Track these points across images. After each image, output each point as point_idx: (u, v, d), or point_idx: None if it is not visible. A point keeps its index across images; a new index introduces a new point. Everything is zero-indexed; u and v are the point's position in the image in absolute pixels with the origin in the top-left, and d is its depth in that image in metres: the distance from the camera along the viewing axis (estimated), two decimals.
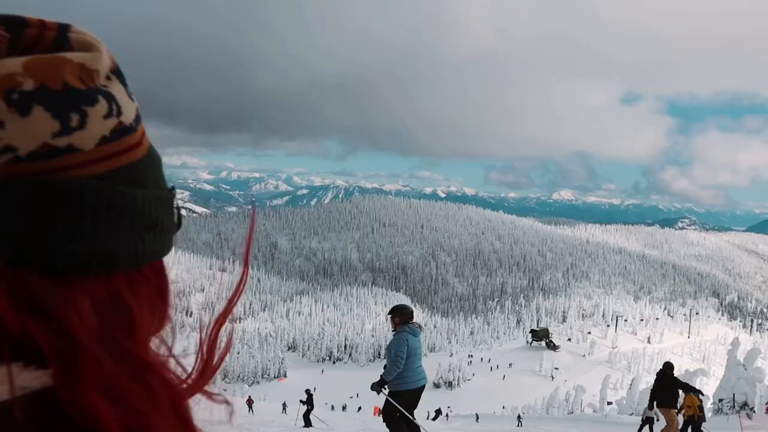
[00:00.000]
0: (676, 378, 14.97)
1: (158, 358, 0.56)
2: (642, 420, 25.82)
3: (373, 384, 8.45)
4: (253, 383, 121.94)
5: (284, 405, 38.10)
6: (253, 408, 22.78)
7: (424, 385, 8.45)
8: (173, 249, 0.60)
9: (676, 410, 14.76)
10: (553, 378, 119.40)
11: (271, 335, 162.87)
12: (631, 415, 42.50)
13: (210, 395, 0.59)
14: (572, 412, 62.30)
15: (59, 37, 0.51)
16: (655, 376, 15.08)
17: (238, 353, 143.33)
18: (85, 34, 0.52)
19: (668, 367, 14.96)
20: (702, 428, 18.72)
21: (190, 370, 0.59)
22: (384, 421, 8.54)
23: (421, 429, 8.68)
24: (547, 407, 69.25)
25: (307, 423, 20.92)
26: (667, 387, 14.64)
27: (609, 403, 62.94)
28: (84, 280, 0.49)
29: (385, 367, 8.46)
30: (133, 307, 0.53)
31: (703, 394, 16.29)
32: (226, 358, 0.62)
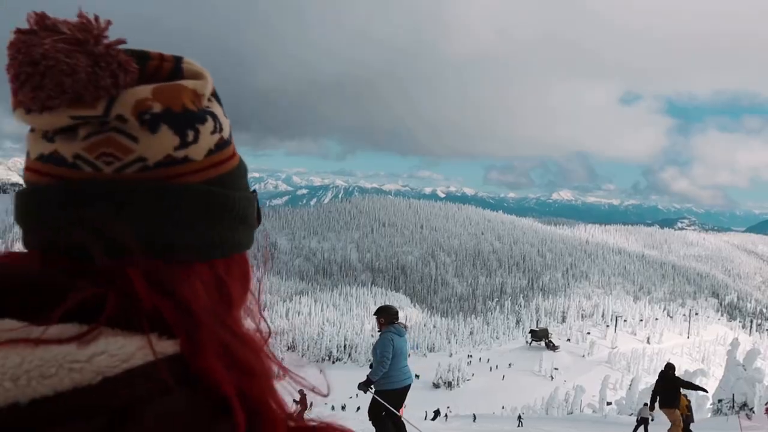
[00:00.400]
0: (678, 378, 15.08)
1: (248, 330, 0.68)
2: (637, 420, 25.78)
3: (360, 384, 8.64)
4: None
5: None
6: None
7: (409, 385, 8.65)
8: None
9: (678, 410, 14.81)
10: (552, 378, 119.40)
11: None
12: (630, 415, 42.50)
13: (285, 369, 0.68)
14: (572, 413, 62.29)
15: (175, 67, 0.63)
16: (657, 377, 15.19)
17: None
18: (193, 64, 0.64)
19: (670, 368, 15.13)
20: (690, 428, 19.45)
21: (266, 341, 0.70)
22: (370, 420, 8.72)
23: (407, 426, 8.80)
24: (547, 407, 69.27)
25: None
26: (669, 387, 14.72)
27: (608, 404, 62.93)
28: (196, 266, 0.62)
29: (371, 367, 8.70)
30: (231, 287, 0.66)
31: (706, 391, 16.47)
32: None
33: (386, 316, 8.73)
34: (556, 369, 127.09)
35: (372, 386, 8.48)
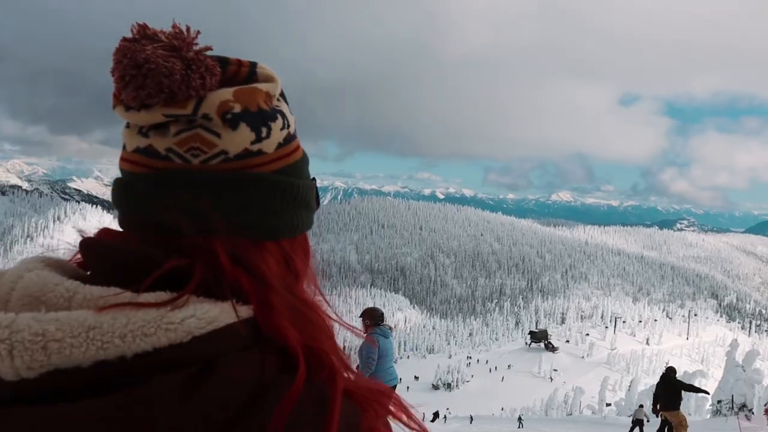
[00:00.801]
0: (679, 381, 15.32)
1: (311, 296, 0.84)
2: (633, 421, 25.83)
3: None
4: None
5: None
6: None
7: (395, 386, 8.74)
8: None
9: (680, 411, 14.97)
10: (551, 379, 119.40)
11: None
12: (629, 416, 42.54)
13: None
14: (571, 414, 62.27)
15: (250, 71, 0.76)
16: (659, 380, 15.32)
17: None
18: (266, 68, 0.78)
19: (671, 371, 15.27)
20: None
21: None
22: None
23: (392, 426, 8.49)
24: (546, 409, 69.28)
25: None
26: (671, 391, 14.90)
27: (608, 405, 62.94)
28: (267, 243, 0.76)
29: (357, 369, 8.33)
30: (296, 262, 0.81)
31: (707, 393, 16.62)
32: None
33: (371, 318, 8.83)
34: (555, 370, 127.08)
35: None
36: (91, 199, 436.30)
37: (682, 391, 15.20)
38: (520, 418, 42.12)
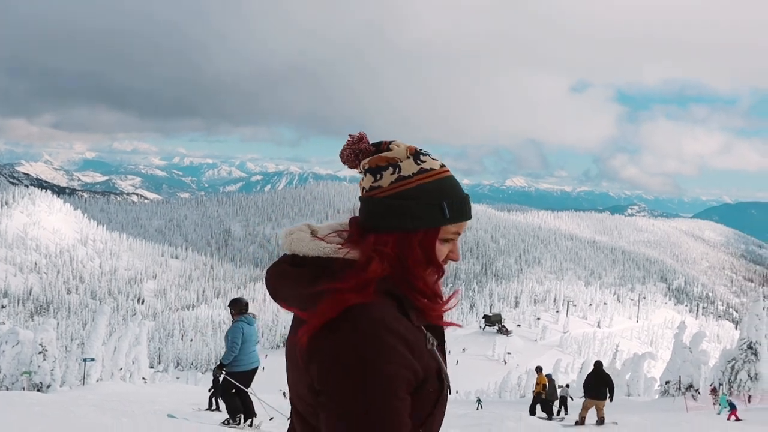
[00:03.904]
0: (608, 375, 18.13)
1: (429, 276, 1.71)
2: (559, 399, 28.52)
3: (214, 368, 10.33)
4: (206, 371, 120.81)
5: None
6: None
7: (257, 367, 10.19)
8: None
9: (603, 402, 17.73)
10: (505, 362, 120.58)
11: (224, 322, 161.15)
12: (581, 397, 43.22)
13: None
14: (524, 396, 63.06)
15: (387, 147, 1.69)
16: (591, 372, 18.36)
17: (191, 341, 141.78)
18: (398, 143, 1.68)
19: (599, 365, 18.55)
20: (553, 406, 25.32)
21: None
22: (220, 396, 10.73)
23: (254, 401, 10.42)
24: (500, 391, 70.04)
25: (212, 405, 21.61)
26: (599, 383, 17.68)
27: (560, 387, 63.91)
28: (398, 236, 1.63)
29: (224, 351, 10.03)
30: (409, 252, 1.63)
31: (612, 395, 18.14)
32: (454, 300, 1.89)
33: (236, 307, 10.29)
34: (509, 353, 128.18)
35: (224, 369, 9.92)
36: (41, 184, 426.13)
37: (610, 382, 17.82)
38: (478, 400, 42.51)
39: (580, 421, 18.34)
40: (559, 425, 18.54)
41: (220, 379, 10.24)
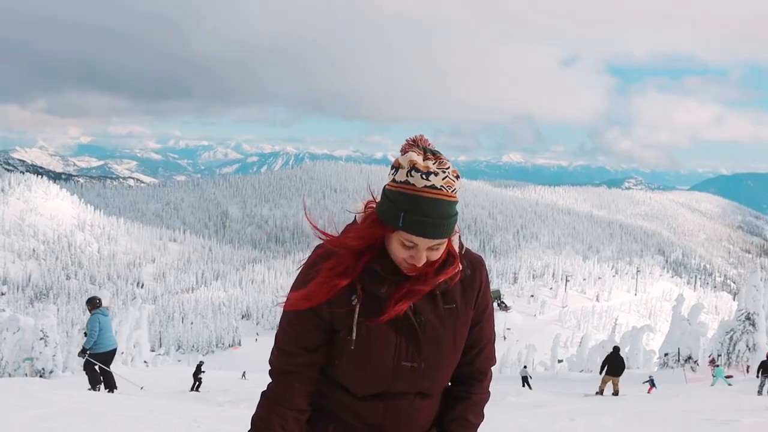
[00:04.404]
0: (622, 359, 22.24)
1: None
2: (522, 378, 32.50)
3: (78, 352, 13.32)
4: (207, 353, 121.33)
5: (244, 373, 38.21)
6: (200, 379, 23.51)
7: (115, 349, 13.32)
8: None
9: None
10: (505, 338, 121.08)
11: (224, 304, 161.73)
12: (581, 371, 43.51)
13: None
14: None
15: (417, 146, 1.94)
16: (609, 355, 22.26)
17: (192, 323, 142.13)
18: (415, 154, 1.88)
19: (617, 349, 22.76)
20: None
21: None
22: (84, 370, 13.29)
23: (114, 376, 13.36)
24: (500, 367, 70.35)
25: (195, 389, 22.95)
26: (615, 364, 21.67)
27: (560, 361, 64.28)
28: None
29: (85, 336, 13.12)
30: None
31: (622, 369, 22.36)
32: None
33: (92, 305, 13.16)
34: (508, 329, 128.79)
35: (87, 352, 12.83)
36: (36, 170, 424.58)
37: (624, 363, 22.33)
38: None
39: (600, 392, 21.71)
40: (581, 394, 21.90)
41: (83, 360, 13.12)
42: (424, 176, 1.84)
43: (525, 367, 40.98)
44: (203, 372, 24.96)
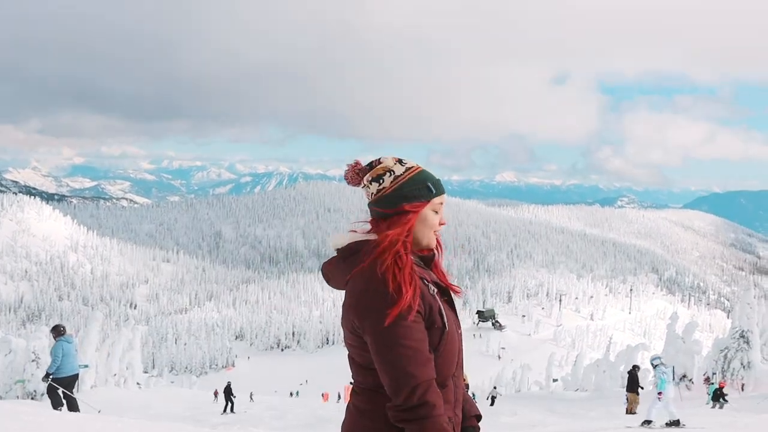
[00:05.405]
0: (637, 376, 24.02)
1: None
2: (491, 397, 35.13)
3: (42, 377, 14.03)
4: (201, 374, 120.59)
5: (251, 395, 38.11)
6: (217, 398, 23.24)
7: (77, 374, 13.89)
8: None
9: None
10: (500, 358, 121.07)
11: (217, 325, 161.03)
12: (576, 390, 43.38)
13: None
14: (519, 390, 63.32)
15: (377, 164, 2.36)
16: (630, 373, 24.29)
17: (185, 344, 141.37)
18: (386, 157, 2.38)
19: (636, 368, 25.25)
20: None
21: None
22: (47, 394, 13.95)
23: (78, 402, 13.93)
24: (495, 386, 70.17)
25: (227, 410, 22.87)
26: (633, 383, 23.32)
27: (554, 380, 64.13)
28: (404, 213, 2.29)
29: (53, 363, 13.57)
30: (392, 227, 2.33)
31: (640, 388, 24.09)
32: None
33: (56, 332, 13.78)
34: (503, 348, 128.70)
35: (50, 376, 13.38)
36: (29, 191, 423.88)
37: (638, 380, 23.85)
38: (473, 395, 42.73)
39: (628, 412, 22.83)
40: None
41: (46, 384, 13.73)
42: (404, 163, 2.31)
43: (495, 387, 47.92)
44: (234, 396, 24.69)
